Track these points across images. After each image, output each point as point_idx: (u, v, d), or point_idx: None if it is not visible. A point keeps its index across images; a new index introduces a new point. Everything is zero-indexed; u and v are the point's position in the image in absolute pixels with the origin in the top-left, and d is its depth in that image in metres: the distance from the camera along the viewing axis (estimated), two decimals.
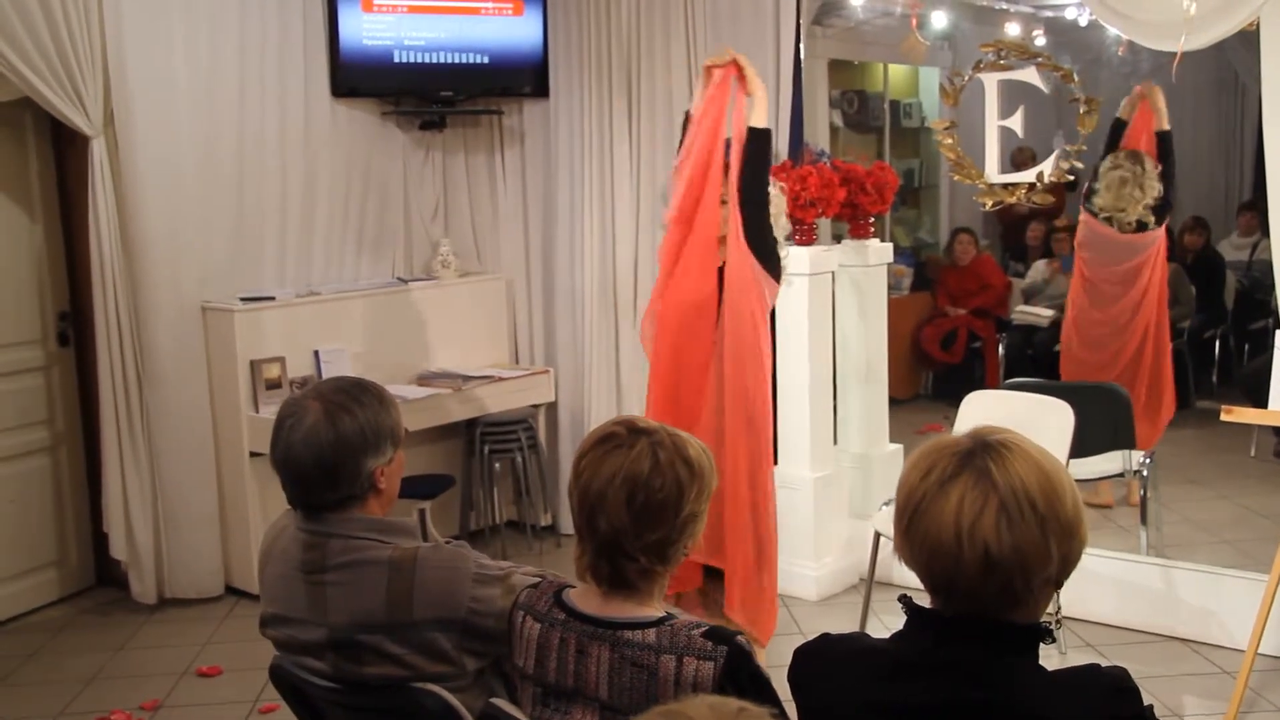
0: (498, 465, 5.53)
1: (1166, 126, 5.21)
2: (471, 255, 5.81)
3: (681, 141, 3.91)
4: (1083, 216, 5.48)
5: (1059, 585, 1.58)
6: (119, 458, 4.77)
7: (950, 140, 4.94)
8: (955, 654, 1.54)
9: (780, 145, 4.97)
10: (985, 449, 1.54)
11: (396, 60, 5.34)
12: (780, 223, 3.97)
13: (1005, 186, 4.85)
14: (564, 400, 5.65)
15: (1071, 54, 7.36)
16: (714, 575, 3.85)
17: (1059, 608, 4.19)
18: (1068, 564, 1.55)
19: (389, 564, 2.13)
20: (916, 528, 1.54)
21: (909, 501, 1.56)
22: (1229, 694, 3.74)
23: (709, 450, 1.98)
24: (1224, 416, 3.85)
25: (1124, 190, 5.10)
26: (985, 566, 1.49)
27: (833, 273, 4.93)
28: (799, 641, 1.75)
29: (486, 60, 5.48)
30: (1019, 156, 5.78)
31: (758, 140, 3.75)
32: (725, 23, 5.06)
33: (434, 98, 5.46)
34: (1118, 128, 5.37)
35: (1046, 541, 1.50)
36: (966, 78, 4.94)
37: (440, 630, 2.11)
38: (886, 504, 4.39)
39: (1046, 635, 1.56)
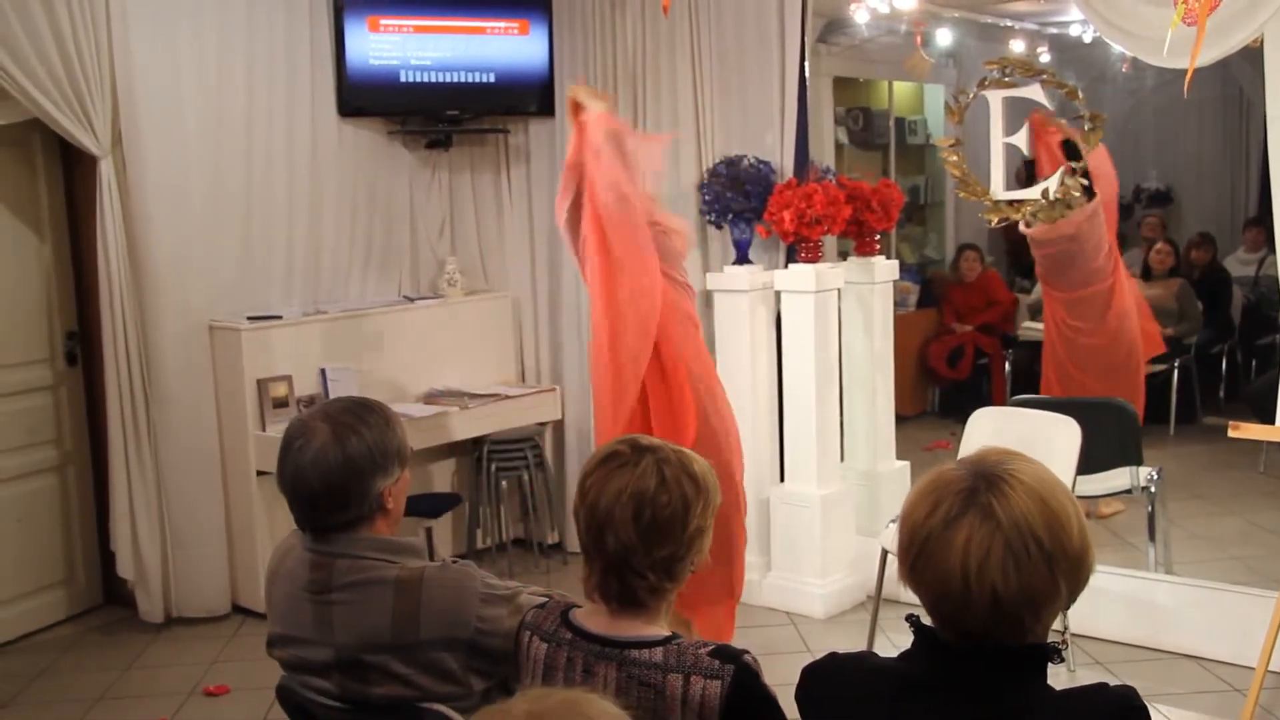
0: (504, 483, 5.53)
1: (1067, 134, 5.21)
2: (478, 273, 5.82)
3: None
4: (1025, 230, 5.53)
5: (1064, 610, 1.57)
6: (126, 477, 4.78)
7: (955, 157, 4.94)
8: (963, 674, 1.54)
9: (785, 163, 4.98)
10: (988, 485, 1.52)
11: (403, 80, 5.36)
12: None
13: (1011, 203, 4.85)
14: (570, 418, 5.65)
15: (1076, 71, 7.39)
16: None
17: (1067, 625, 4.18)
18: (1075, 593, 1.55)
19: (395, 584, 2.13)
20: (922, 567, 1.54)
21: (914, 539, 1.56)
22: (1239, 711, 3.72)
23: (712, 467, 1.99)
24: (1231, 433, 3.84)
25: (1052, 213, 5.09)
26: (994, 606, 1.49)
27: (839, 290, 4.94)
28: (806, 660, 1.74)
29: (493, 79, 5.50)
30: (1015, 175, 5.79)
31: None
32: (730, 40, 5.08)
33: (440, 117, 5.48)
34: (1029, 168, 5.35)
35: (1054, 578, 1.50)
36: (971, 95, 4.94)
37: (447, 650, 2.11)
38: (893, 521, 4.37)
39: (1054, 655, 1.56)
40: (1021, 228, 5.51)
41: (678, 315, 3.97)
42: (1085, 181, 4.78)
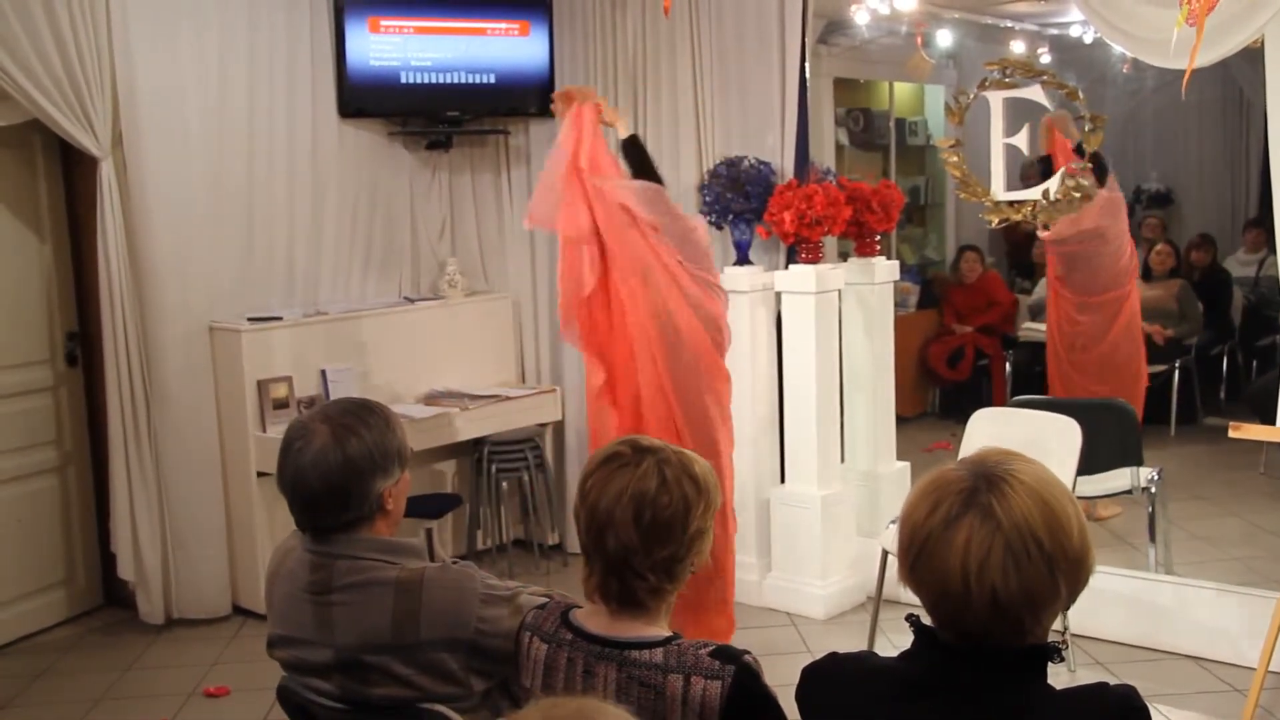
0: (505, 484, 5.53)
1: (1078, 137, 5.23)
2: (478, 274, 5.82)
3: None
4: (1043, 234, 5.58)
5: (1064, 610, 1.57)
6: (126, 478, 4.78)
7: (956, 158, 4.94)
8: (964, 674, 1.54)
9: (786, 164, 4.98)
10: (989, 485, 1.52)
11: (403, 81, 5.36)
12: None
13: (1011, 204, 4.85)
14: (571, 419, 5.65)
15: (1076, 72, 7.39)
16: None
17: (1067, 625, 4.18)
18: (1075, 594, 1.55)
19: (395, 585, 2.13)
20: (922, 567, 1.54)
21: (914, 539, 1.56)
22: (1239, 712, 3.72)
23: (713, 468, 1.99)
24: (1232, 433, 3.84)
25: (1054, 213, 5.10)
26: (994, 607, 1.49)
27: (839, 290, 4.94)
28: (806, 660, 1.74)
29: (493, 80, 5.51)
30: (1025, 173, 5.79)
31: (631, 147, 4.15)
32: (730, 41, 5.07)
33: (440, 118, 5.48)
34: (1045, 164, 5.37)
35: (1054, 579, 1.50)
36: (972, 96, 4.94)
37: (447, 651, 2.11)
38: (893, 522, 4.37)
39: (1055, 655, 1.56)
40: (1040, 233, 5.50)
41: (695, 309, 3.98)
42: (1086, 183, 4.78)
